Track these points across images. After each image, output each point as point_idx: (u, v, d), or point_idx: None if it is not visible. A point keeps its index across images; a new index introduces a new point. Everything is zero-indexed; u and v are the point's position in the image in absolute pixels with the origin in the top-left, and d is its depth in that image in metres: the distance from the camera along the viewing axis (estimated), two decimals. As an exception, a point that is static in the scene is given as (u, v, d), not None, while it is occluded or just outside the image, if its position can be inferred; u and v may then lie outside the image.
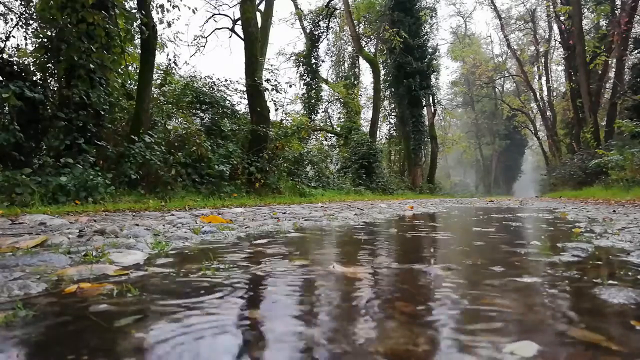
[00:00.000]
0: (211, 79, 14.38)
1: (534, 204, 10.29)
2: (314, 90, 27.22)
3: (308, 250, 2.11)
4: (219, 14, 22.14)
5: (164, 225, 3.28)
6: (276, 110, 20.44)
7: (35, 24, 8.70)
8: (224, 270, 1.53)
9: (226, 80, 14.53)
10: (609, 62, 22.71)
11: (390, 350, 0.77)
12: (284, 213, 5.45)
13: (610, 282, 1.32)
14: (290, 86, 21.45)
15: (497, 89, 47.76)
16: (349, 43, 30.04)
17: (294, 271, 1.55)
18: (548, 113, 34.95)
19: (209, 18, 22.29)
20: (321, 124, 27.77)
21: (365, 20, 28.74)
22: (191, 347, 0.79)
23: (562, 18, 25.55)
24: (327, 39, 30.20)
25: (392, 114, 30.63)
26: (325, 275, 1.47)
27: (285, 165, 13.97)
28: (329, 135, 26.57)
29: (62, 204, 5.97)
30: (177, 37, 20.95)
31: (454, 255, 2.03)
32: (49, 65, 7.99)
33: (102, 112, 8.08)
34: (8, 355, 0.76)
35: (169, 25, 10.20)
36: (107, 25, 7.96)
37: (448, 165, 62.79)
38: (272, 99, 14.47)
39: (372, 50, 29.14)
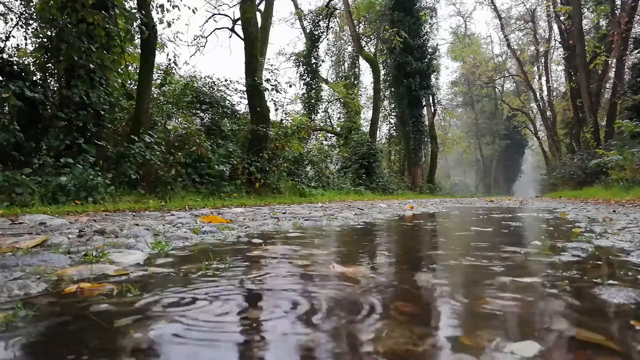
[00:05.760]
0: (211, 79, 14.40)
1: (534, 204, 10.28)
2: (314, 90, 27.18)
3: (308, 250, 2.11)
4: (219, 14, 22.14)
5: (163, 225, 3.28)
6: (276, 110, 20.41)
7: (35, 24, 8.70)
8: (223, 270, 1.53)
9: (226, 80, 14.56)
10: (609, 62, 22.71)
11: (390, 350, 0.77)
12: (284, 213, 5.45)
13: (610, 282, 1.32)
14: (290, 86, 21.49)
15: (497, 89, 47.75)
16: (349, 43, 30.02)
17: (294, 271, 1.55)
18: (548, 113, 34.96)
19: (209, 18, 22.28)
20: (321, 124, 27.73)
21: (365, 20, 28.72)
22: (191, 348, 0.79)
23: (562, 18, 25.55)
24: (327, 39, 30.21)
25: (392, 114, 30.62)
26: (325, 275, 1.47)
27: (285, 165, 13.97)
28: (329, 135, 26.56)
29: (62, 204, 5.97)
30: (177, 37, 20.91)
31: (453, 254, 2.03)
32: (49, 65, 7.99)
33: (102, 112, 8.08)
34: (8, 356, 0.76)
35: (169, 25, 10.22)
36: (107, 25, 7.95)
37: (448, 165, 62.74)
38: (272, 99, 14.50)
39: (372, 50, 29.13)
